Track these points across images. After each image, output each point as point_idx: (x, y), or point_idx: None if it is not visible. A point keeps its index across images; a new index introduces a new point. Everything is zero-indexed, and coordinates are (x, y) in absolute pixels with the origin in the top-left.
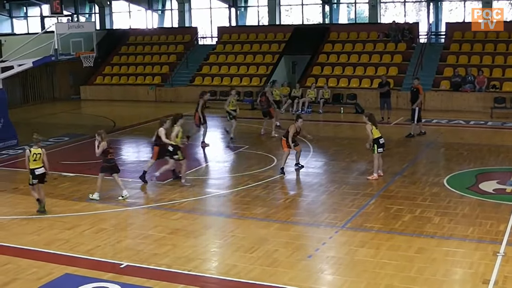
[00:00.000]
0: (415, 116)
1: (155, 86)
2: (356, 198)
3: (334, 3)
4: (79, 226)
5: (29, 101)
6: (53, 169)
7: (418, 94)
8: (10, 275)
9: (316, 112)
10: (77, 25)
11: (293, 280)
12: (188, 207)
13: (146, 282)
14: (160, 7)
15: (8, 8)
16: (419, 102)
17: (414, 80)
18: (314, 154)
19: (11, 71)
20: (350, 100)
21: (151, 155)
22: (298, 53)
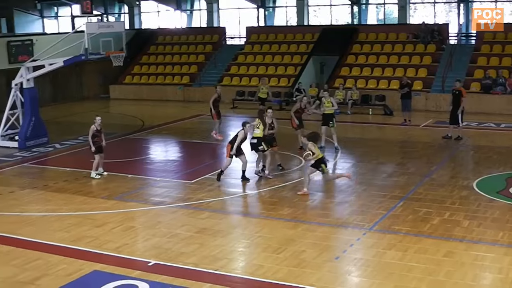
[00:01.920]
0: (459, 119)
1: (184, 86)
2: (384, 200)
3: (363, 4)
4: (108, 223)
5: (59, 100)
6: (82, 168)
7: (460, 97)
8: (40, 270)
9: (344, 113)
10: (107, 25)
11: (319, 282)
12: (216, 207)
13: (173, 280)
14: (188, 7)
15: (40, 8)
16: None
17: (456, 82)
18: (342, 155)
19: (42, 70)
20: (378, 101)
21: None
22: (326, 53)
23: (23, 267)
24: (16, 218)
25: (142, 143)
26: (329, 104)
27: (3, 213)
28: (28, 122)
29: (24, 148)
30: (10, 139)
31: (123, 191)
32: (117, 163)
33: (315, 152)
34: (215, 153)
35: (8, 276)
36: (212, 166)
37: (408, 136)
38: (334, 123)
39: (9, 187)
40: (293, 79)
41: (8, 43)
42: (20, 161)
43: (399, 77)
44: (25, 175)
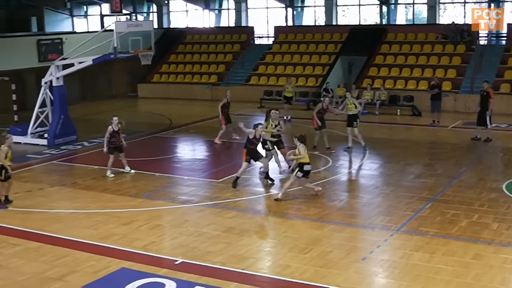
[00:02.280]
0: (487, 121)
1: (211, 85)
2: (412, 201)
3: (392, 4)
4: (135, 221)
5: (88, 98)
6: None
7: (488, 98)
8: (69, 267)
9: (372, 113)
10: (136, 24)
11: (346, 282)
12: (243, 206)
13: (200, 279)
14: (217, 7)
15: (69, 7)
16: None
17: (484, 83)
18: (369, 156)
19: (71, 68)
20: (406, 102)
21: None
22: (354, 53)
23: (52, 263)
24: (45, 215)
25: (170, 142)
26: (352, 105)
27: (33, 210)
28: (57, 120)
29: (53, 146)
30: (39, 137)
31: (151, 189)
32: (145, 161)
33: (303, 154)
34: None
35: (38, 272)
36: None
37: (437, 137)
38: (358, 124)
39: (38, 184)
40: (321, 79)
41: (38, 42)
42: (49, 159)
43: (428, 77)
44: (54, 173)
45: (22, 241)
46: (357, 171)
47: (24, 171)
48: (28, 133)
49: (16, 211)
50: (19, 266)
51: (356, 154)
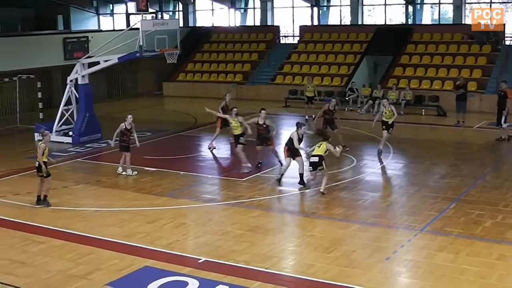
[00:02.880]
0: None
1: (237, 84)
2: (436, 201)
3: (418, 4)
4: (160, 220)
5: (113, 96)
6: (134, 164)
7: (506, 98)
8: (93, 265)
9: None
10: (162, 23)
11: (370, 282)
12: (267, 205)
13: (224, 278)
14: (242, 6)
15: (95, 5)
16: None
17: (502, 84)
18: (394, 155)
19: (97, 66)
20: (432, 102)
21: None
22: (380, 53)
23: (76, 261)
24: (70, 213)
25: (195, 141)
26: (390, 113)
27: (58, 208)
28: (82, 118)
29: (78, 144)
30: (64, 135)
31: (175, 187)
32: (170, 159)
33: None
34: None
35: (62, 269)
36: (264, 164)
37: (462, 138)
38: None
39: (63, 182)
40: (346, 79)
41: (64, 40)
42: (73, 157)
43: (453, 77)
44: (78, 171)
45: (47, 239)
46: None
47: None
48: (53, 131)
49: (41, 209)
50: (44, 264)
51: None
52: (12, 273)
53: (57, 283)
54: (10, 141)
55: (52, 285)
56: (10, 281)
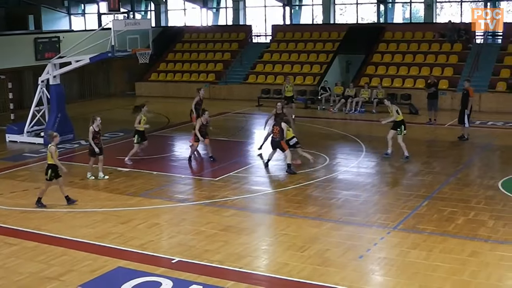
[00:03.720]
0: (464, 119)
1: (209, 83)
2: (409, 199)
3: (389, 3)
4: (133, 220)
5: (86, 97)
6: (108, 164)
7: (468, 97)
8: (66, 266)
9: (369, 112)
10: (134, 22)
11: (344, 280)
12: (241, 205)
13: (198, 277)
14: (215, 5)
15: (67, 5)
16: (470, 106)
17: (465, 82)
18: (366, 154)
19: (69, 66)
20: (404, 100)
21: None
22: (352, 52)
23: (48, 262)
24: (42, 214)
25: (167, 140)
26: (392, 113)
27: (30, 209)
28: (54, 119)
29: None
30: (36, 135)
31: (148, 188)
32: (142, 160)
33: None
34: (240, 151)
35: (35, 271)
36: (237, 164)
37: (434, 135)
38: (402, 131)
39: (35, 183)
40: (319, 78)
41: (35, 40)
42: (45, 158)
43: (425, 76)
44: None
45: (19, 241)
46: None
47: (20, 170)
48: (24, 132)
49: (12, 210)
50: (16, 266)
51: (353, 152)
52: None
53: (29, 285)
54: None
55: (24, 287)
56: None
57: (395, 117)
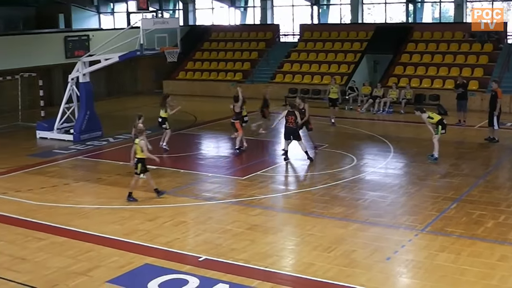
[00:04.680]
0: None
1: (236, 82)
2: (437, 201)
3: (418, 2)
4: (160, 218)
5: (113, 95)
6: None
7: (496, 98)
8: (93, 262)
9: (397, 112)
10: (162, 21)
11: (370, 282)
12: (267, 204)
13: (223, 276)
14: (242, 4)
15: (96, 4)
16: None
17: (492, 83)
18: (394, 155)
19: (98, 65)
20: (432, 101)
21: None
22: (380, 52)
23: (76, 258)
24: (70, 209)
25: (195, 139)
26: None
27: (58, 205)
28: (83, 116)
29: (78, 141)
30: (65, 132)
31: (175, 186)
32: (170, 158)
33: None
34: (267, 150)
35: (63, 266)
36: (264, 163)
37: (463, 137)
38: (439, 131)
39: (64, 179)
40: (346, 78)
41: (65, 38)
42: (74, 154)
43: (454, 76)
44: (79, 168)
45: (48, 236)
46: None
47: (50, 166)
48: (54, 129)
49: (41, 205)
50: (44, 261)
51: (381, 153)
52: (13, 269)
53: (57, 280)
54: (12, 139)
55: (52, 281)
56: (12, 277)
57: (430, 124)
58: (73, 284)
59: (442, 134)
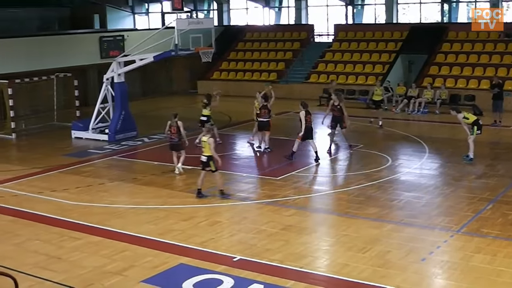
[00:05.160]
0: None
1: (270, 82)
2: (473, 202)
3: (453, 2)
4: (194, 218)
5: (148, 95)
6: (169, 162)
7: None
8: (128, 261)
9: (432, 112)
10: (197, 21)
11: (405, 283)
12: (302, 204)
13: (258, 276)
14: (277, 4)
15: (131, 4)
16: None
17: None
18: (429, 155)
19: (133, 65)
20: (468, 101)
21: None
22: (415, 52)
23: (111, 257)
24: (105, 209)
25: (229, 139)
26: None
27: (93, 204)
28: (118, 116)
29: (113, 141)
30: (100, 132)
31: (210, 186)
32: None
33: None
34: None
35: (98, 265)
36: (298, 163)
37: (499, 137)
38: (474, 131)
39: (99, 179)
40: (381, 78)
41: (100, 39)
42: (109, 154)
43: (490, 76)
44: (114, 168)
45: (83, 235)
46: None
47: (85, 166)
48: (89, 129)
49: (77, 205)
50: (80, 260)
51: (416, 154)
52: (49, 268)
53: (92, 279)
54: (47, 139)
55: (88, 280)
56: (48, 276)
57: (465, 124)
58: (108, 284)
59: (478, 135)
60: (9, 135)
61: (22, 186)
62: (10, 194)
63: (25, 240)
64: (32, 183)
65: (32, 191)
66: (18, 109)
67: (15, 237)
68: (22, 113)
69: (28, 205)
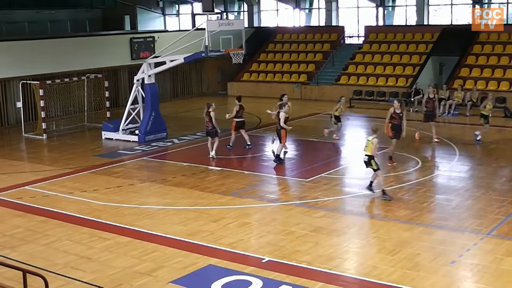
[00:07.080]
0: None
1: (301, 84)
2: (503, 205)
3: (485, 3)
4: (224, 219)
5: (179, 96)
6: (200, 163)
7: None
8: (157, 262)
9: (463, 115)
10: (227, 23)
11: (434, 286)
12: (331, 206)
13: (286, 278)
14: (307, 6)
15: (161, 6)
16: None
17: None
18: (460, 158)
19: (163, 66)
20: (499, 103)
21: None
22: (445, 54)
23: (141, 258)
24: (135, 210)
25: (259, 140)
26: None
27: (123, 205)
28: (148, 117)
29: (144, 142)
30: (130, 133)
31: (239, 187)
32: (234, 159)
33: None
34: (332, 152)
35: (127, 266)
36: (328, 165)
37: None
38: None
39: (129, 179)
40: (411, 79)
41: (131, 40)
42: (139, 155)
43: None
44: (144, 169)
45: (113, 236)
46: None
47: (115, 167)
48: (119, 130)
49: (107, 205)
50: (109, 260)
51: (446, 156)
52: (79, 268)
53: (122, 279)
54: (78, 140)
55: (117, 281)
56: (78, 276)
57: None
58: (138, 284)
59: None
60: (40, 136)
61: (53, 187)
62: (41, 194)
63: (56, 240)
64: (63, 183)
65: (63, 191)
66: (49, 110)
67: (45, 237)
68: (53, 114)
69: (59, 205)
